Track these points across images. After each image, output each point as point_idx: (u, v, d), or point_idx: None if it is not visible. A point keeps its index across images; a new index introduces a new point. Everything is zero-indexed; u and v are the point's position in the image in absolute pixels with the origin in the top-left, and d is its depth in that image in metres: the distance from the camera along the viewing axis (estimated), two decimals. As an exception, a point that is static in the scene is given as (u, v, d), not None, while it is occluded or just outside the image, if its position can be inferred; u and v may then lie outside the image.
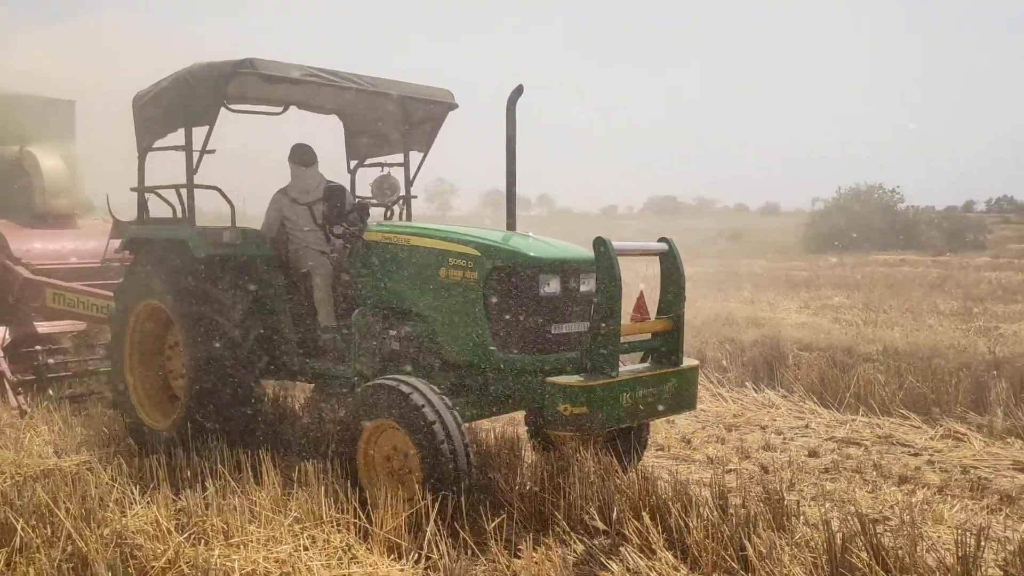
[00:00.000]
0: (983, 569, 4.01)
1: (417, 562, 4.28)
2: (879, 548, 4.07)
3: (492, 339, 5.29)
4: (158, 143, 6.84)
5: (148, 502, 5.15)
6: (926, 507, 5.27)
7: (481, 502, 5.05)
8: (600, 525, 4.64)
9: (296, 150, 7.03)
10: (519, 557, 4.35)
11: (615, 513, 4.69)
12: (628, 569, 4.25)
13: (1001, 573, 4.09)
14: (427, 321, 5.68)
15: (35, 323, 9.30)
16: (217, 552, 4.09)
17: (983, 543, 4.01)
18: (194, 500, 4.94)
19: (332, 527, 4.59)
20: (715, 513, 4.49)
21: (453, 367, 5.67)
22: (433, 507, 4.55)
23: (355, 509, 4.75)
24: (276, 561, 4.02)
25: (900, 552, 4.06)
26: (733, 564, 4.15)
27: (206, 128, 6.34)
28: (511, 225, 6.11)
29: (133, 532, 4.64)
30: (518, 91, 5.89)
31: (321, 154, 7.17)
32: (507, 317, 5.31)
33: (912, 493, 5.72)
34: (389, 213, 7.66)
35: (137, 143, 7.00)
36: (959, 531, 4.74)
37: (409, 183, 7.84)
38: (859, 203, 41.64)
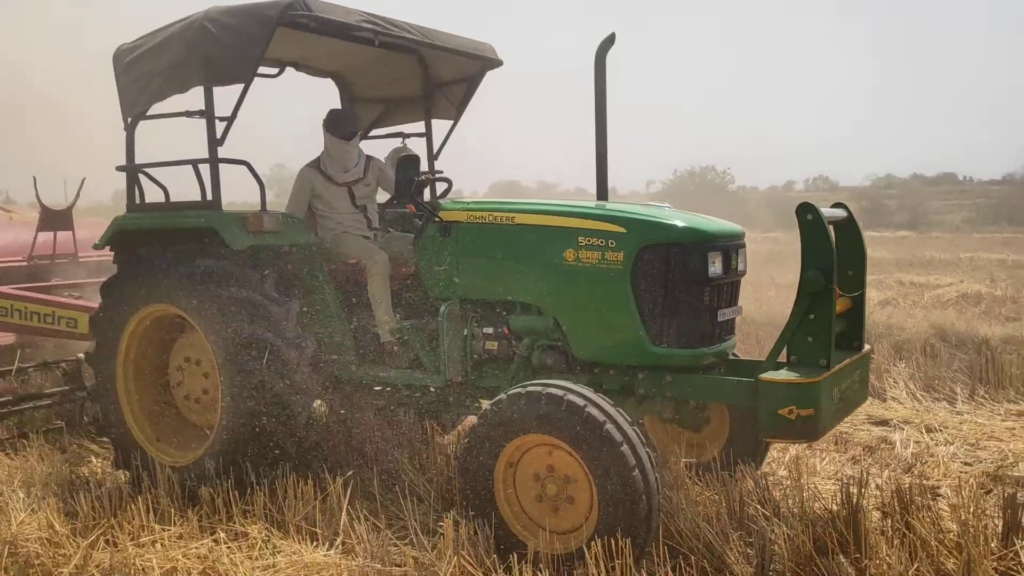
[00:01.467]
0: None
1: (337, 547, 4.28)
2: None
3: (645, 331, 4.50)
4: (154, 108, 5.48)
5: (34, 509, 4.90)
6: None
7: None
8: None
9: (335, 118, 5.79)
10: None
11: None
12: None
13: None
14: (544, 314, 4.83)
15: None
16: (131, 551, 3.95)
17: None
18: (87, 503, 4.72)
19: (244, 520, 4.52)
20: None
21: (584, 367, 4.82)
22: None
23: (264, 501, 4.69)
24: (197, 557, 3.93)
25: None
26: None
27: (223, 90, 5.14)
28: (602, 196, 5.31)
29: (25, 540, 4.40)
30: (609, 40, 5.10)
31: (306, 122, 6.01)
32: (665, 304, 4.50)
33: None
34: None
35: (123, 110, 5.58)
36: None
37: (433, 158, 6.62)
38: (694, 184, 43.88)
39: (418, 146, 6.53)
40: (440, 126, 6.65)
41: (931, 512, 4.28)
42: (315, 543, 4.31)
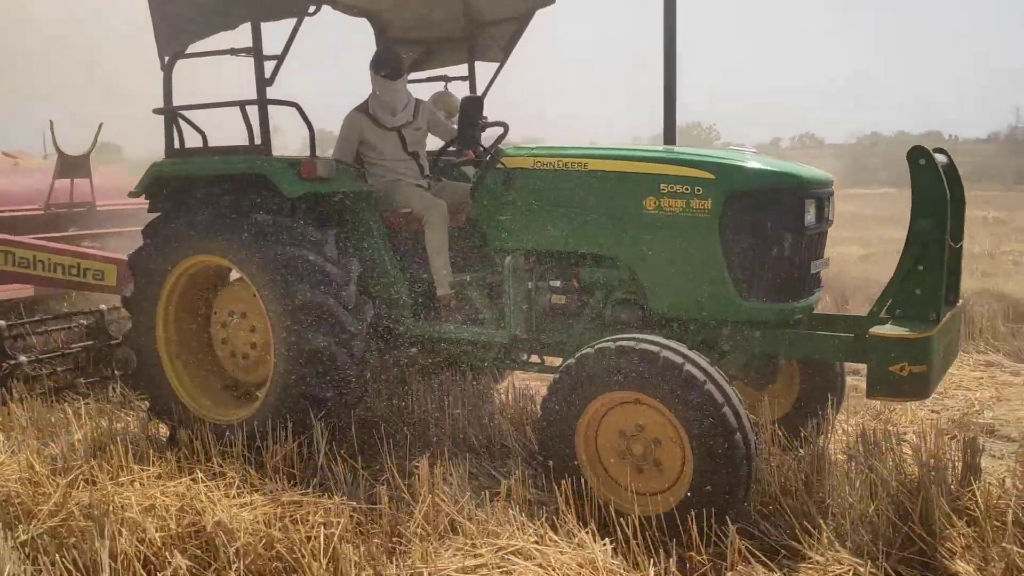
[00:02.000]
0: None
1: (315, 487, 4.36)
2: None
3: (733, 284, 4.24)
4: (193, 47, 5.16)
5: (13, 451, 4.96)
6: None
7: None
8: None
9: (381, 57, 5.47)
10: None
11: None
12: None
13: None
14: (620, 266, 4.59)
15: None
16: (110, 490, 4.02)
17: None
18: (66, 446, 4.78)
19: (222, 461, 4.58)
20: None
21: (662, 322, 4.55)
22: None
23: (242, 443, 4.75)
24: (175, 495, 4.00)
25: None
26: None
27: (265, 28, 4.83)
28: (669, 141, 5.12)
29: (5, 481, 4.46)
30: None
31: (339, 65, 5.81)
32: (755, 255, 4.25)
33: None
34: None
35: (159, 48, 5.22)
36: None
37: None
38: (681, 141, 43.68)
39: (460, 92, 6.20)
40: (484, 70, 6.26)
41: (895, 455, 4.40)
42: (293, 483, 4.39)
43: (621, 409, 3.94)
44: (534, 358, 5.19)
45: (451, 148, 5.85)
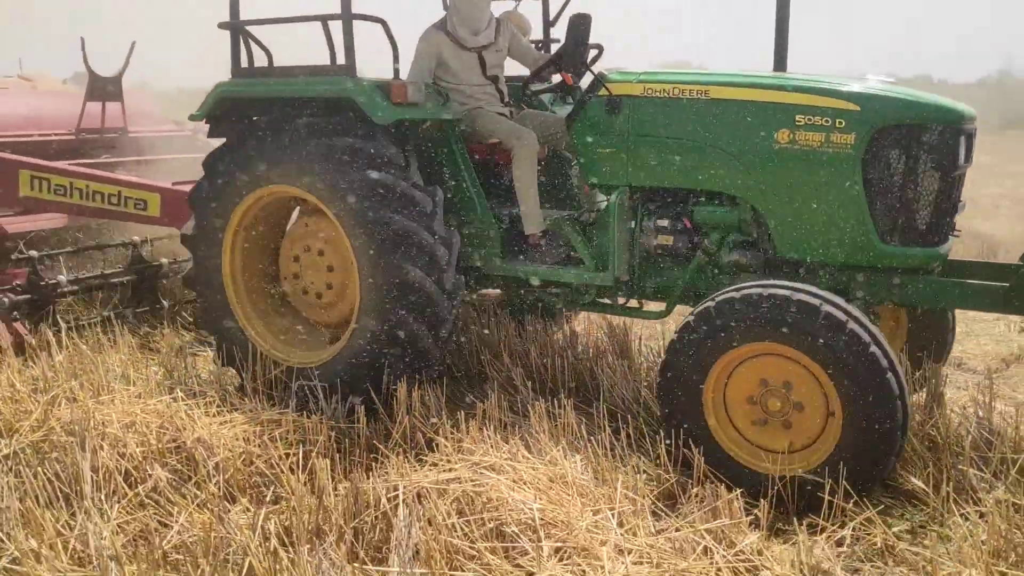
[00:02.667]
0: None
1: (295, 408, 4.43)
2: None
3: (874, 226, 3.95)
4: None
5: (-7, 370, 5.00)
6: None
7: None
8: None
9: None
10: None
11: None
12: None
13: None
14: (741, 205, 4.26)
15: None
16: (91, 407, 4.08)
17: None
18: (48, 365, 4.82)
19: (202, 382, 4.65)
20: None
21: (787, 267, 4.26)
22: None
23: (222, 364, 4.82)
24: (155, 412, 4.06)
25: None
26: None
27: None
28: (780, 66, 4.80)
29: (-14, 398, 4.51)
30: None
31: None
32: (902, 195, 3.93)
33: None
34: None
35: None
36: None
37: (549, 24, 5.72)
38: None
39: (531, 11, 5.91)
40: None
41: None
42: (272, 403, 4.47)
43: (754, 363, 3.66)
44: (627, 301, 4.89)
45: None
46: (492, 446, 3.74)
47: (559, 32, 5.61)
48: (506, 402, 4.47)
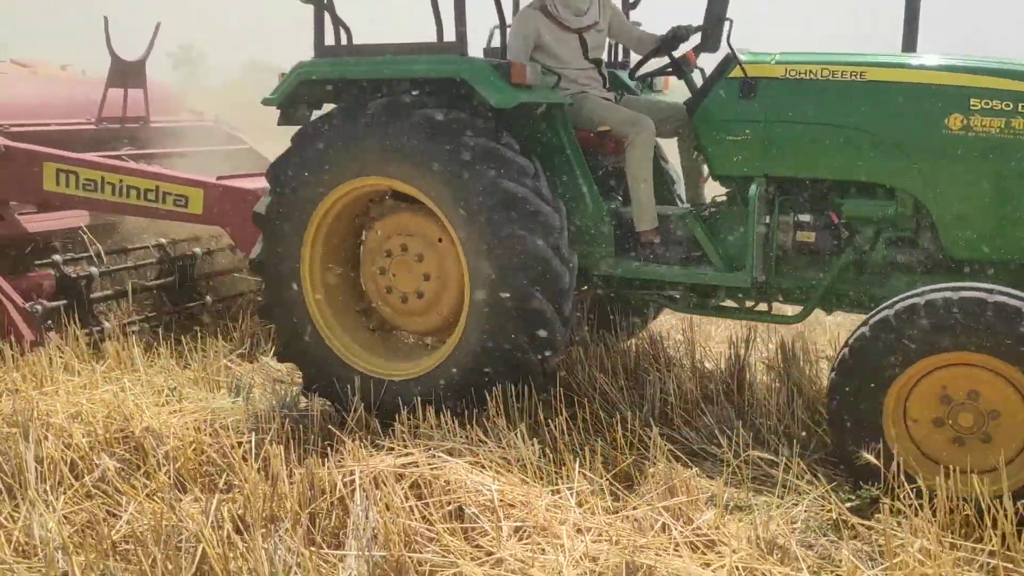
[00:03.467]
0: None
1: (243, 398, 4.36)
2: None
3: None
4: None
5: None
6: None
7: None
8: None
9: None
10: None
11: None
12: None
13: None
14: (901, 197, 3.87)
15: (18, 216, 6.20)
16: (34, 397, 3.96)
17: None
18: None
19: (150, 372, 4.55)
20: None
21: (954, 265, 3.89)
22: None
23: (170, 352, 4.71)
24: (102, 402, 3.96)
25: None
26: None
27: None
28: (909, 47, 4.40)
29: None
30: None
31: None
32: None
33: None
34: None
35: None
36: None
37: (629, 6, 5.14)
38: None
39: None
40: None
41: (811, 366, 4.60)
42: (222, 391, 4.40)
43: (940, 374, 3.32)
44: (756, 304, 4.50)
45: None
46: (449, 431, 3.73)
47: (638, 15, 5.12)
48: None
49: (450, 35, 4.12)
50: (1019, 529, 2.90)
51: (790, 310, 4.59)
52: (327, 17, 4.30)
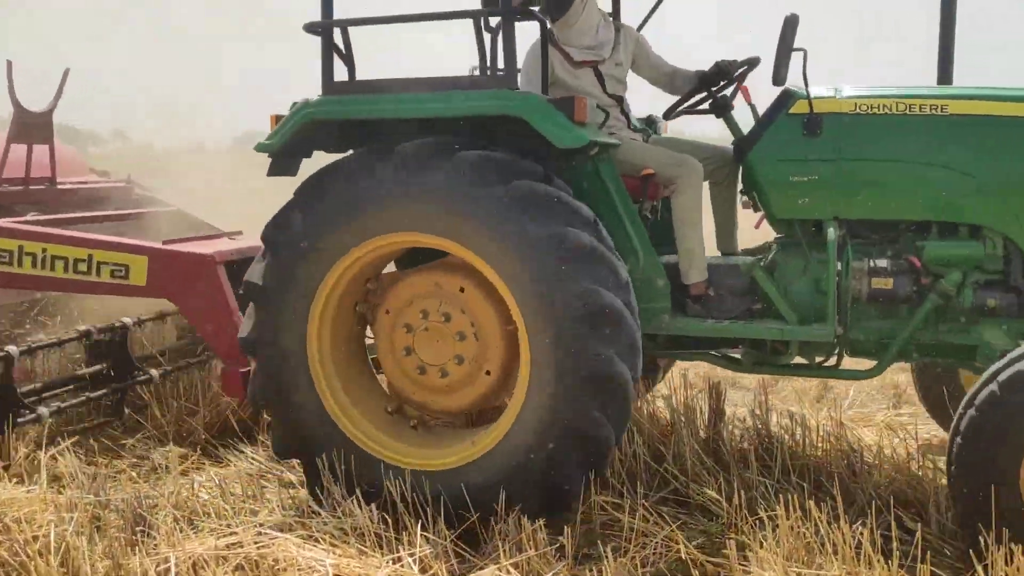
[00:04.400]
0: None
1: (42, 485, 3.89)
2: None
3: None
4: None
5: None
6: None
7: None
8: None
9: None
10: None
11: None
12: None
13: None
14: (989, 236, 3.64)
15: None
16: None
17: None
18: None
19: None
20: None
21: None
22: None
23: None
24: None
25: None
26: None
27: None
28: (945, 79, 4.25)
29: None
30: None
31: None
32: None
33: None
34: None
35: None
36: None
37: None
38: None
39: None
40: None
41: (649, 405, 4.62)
42: (17, 481, 3.91)
43: None
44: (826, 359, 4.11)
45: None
46: (279, 505, 3.44)
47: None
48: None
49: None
50: (858, 552, 2.94)
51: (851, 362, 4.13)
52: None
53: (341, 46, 3.78)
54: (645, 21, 4.58)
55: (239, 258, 4.67)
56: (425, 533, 3.23)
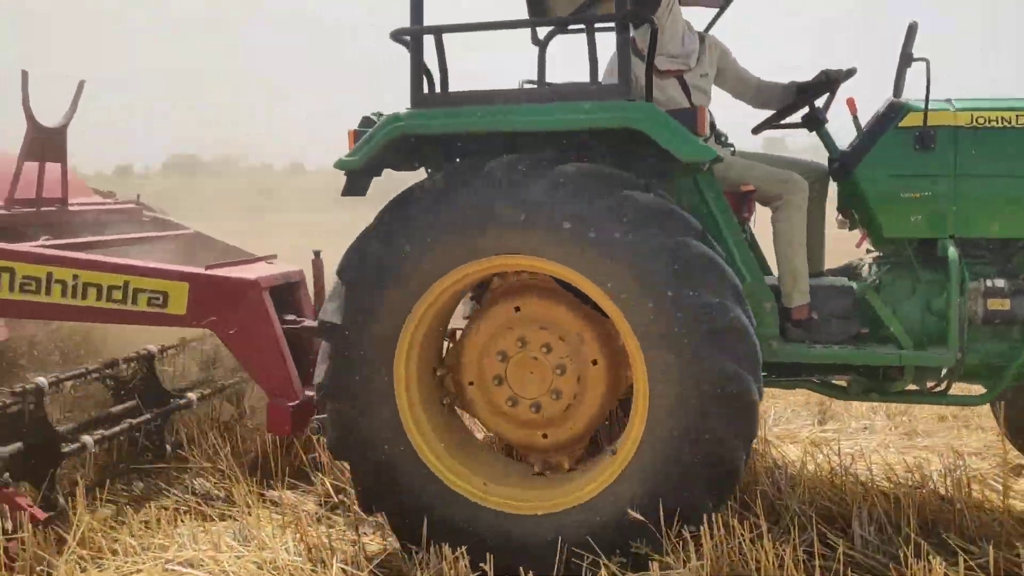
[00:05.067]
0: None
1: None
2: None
3: None
4: None
5: None
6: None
7: None
8: None
9: None
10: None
11: None
12: None
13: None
14: None
15: None
16: None
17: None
18: None
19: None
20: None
21: None
22: None
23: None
24: None
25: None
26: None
27: None
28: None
29: None
30: None
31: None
32: None
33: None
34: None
35: None
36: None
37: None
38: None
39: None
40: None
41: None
42: None
43: None
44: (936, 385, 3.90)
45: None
46: (191, 539, 3.29)
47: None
48: (211, 484, 4.00)
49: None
50: (781, 569, 2.93)
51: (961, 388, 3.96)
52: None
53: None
54: (710, 26, 4.39)
55: (284, 283, 4.36)
56: (343, 565, 3.12)
